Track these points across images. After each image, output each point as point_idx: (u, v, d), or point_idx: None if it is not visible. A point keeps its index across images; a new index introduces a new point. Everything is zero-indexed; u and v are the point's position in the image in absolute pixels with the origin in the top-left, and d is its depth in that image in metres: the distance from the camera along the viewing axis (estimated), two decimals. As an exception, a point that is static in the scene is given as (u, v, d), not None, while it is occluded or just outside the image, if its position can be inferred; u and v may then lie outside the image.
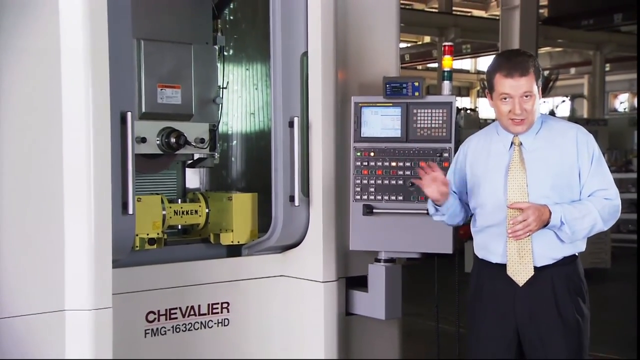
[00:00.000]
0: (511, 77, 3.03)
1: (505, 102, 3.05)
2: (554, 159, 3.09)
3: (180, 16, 4.35)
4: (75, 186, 3.19)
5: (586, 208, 3.01)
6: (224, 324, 4.13)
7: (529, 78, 3.03)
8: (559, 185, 3.07)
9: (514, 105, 3.02)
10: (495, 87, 3.08)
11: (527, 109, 3.03)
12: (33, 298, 3.14)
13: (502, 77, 3.05)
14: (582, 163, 3.08)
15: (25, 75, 3.14)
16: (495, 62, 3.17)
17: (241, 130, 4.95)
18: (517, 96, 3.02)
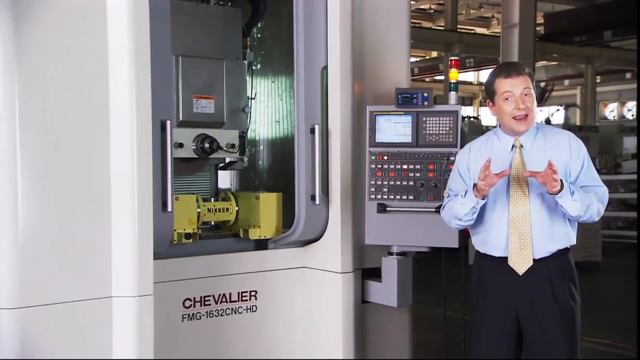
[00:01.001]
0: (510, 77, 3.06)
1: (508, 102, 3.05)
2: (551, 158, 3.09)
3: (213, 35, 4.38)
4: (121, 186, 3.22)
5: (586, 192, 3.03)
6: (252, 310, 4.14)
7: (525, 77, 3.06)
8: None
9: (517, 101, 3.03)
10: (497, 89, 3.08)
11: (528, 106, 3.04)
12: (82, 286, 3.16)
13: (502, 78, 3.07)
14: (574, 162, 3.09)
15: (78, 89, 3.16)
16: (493, 71, 3.20)
17: (267, 136, 4.96)
18: (518, 93, 3.04)
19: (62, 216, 3.12)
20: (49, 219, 3.10)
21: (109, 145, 3.21)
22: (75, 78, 3.15)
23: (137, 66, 3.21)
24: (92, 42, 3.18)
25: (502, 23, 14.11)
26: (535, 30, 14.56)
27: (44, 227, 3.09)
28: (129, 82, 3.20)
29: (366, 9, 4.22)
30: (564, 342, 3.03)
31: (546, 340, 3.03)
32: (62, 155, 3.13)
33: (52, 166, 3.11)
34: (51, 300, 3.09)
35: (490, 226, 3.19)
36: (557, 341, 3.02)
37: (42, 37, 3.08)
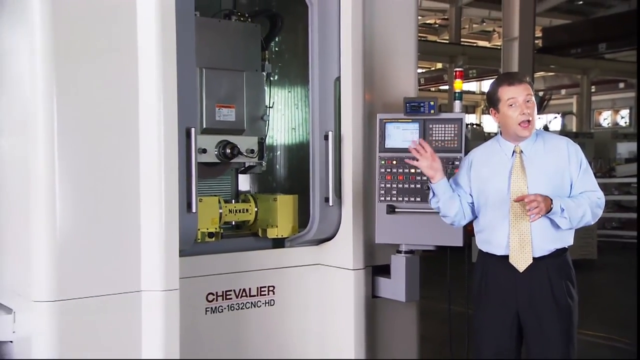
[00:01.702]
0: (513, 85, 3.06)
1: (513, 108, 3.05)
2: (549, 165, 3.08)
3: (234, 48, 4.39)
4: (149, 188, 3.24)
5: (579, 200, 3.01)
6: (270, 304, 4.14)
7: (527, 85, 3.07)
8: (553, 186, 3.05)
9: (521, 107, 3.02)
10: (501, 97, 3.08)
11: (530, 112, 3.03)
12: (114, 281, 3.19)
13: (506, 86, 3.07)
14: (572, 168, 3.08)
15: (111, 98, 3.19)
16: (496, 81, 3.20)
17: (284, 142, 4.96)
18: (521, 99, 3.04)
19: (95, 216, 3.15)
20: (83, 219, 3.12)
21: (138, 150, 3.23)
22: (108, 88, 3.17)
23: (164, 77, 3.23)
24: (124, 56, 3.20)
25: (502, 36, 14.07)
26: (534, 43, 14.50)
27: (79, 226, 3.11)
28: (157, 92, 3.22)
29: (376, 24, 4.22)
30: (560, 336, 3.01)
31: (544, 333, 3.01)
32: (96, 160, 3.16)
33: (86, 170, 3.13)
34: (86, 293, 3.11)
35: (492, 226, 3.19)
36: (555, 335, 3.00)
37: (78, 54, 3.10)
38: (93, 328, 3.13)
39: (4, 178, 3.47)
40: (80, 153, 3.11)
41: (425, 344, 4.56)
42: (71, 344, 3.09)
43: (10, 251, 3.39)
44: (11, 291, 3.37)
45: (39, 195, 3.06)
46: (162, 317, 3.22)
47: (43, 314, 3.06)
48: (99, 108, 3.15)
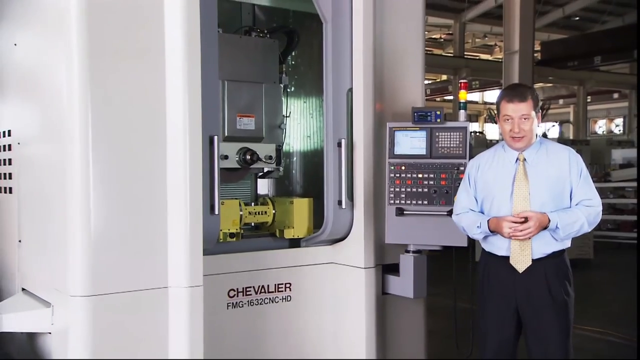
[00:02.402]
0: (512, 102, 3.04)
1: (507, 122, 3.05)
2: (551, 173, 3.06)
3: (254, 62, 4.41)
4: (175, 192, 3.25)
5: (576, 215, 2.99)
6: (287, 299, 4.14)
7: (527, 104, 3.03)
8: (554, 194, 3.04)
9: (514, 125, 3.02)
10: (501, 110, 3.10)
11: (524, 129, 3.03)
12: (143, 277, 3.20)
13: (506, 102, 3.07)
14: (572, 177, 3.06)
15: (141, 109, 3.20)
16: (502, 92, 3.20)
17: (300, 149, 4.97)
18: (516, 117, 3.02)
19: (126, 217, 3.16)
20: (115, 220, 3.14)
21: (165, 156, 3.24)
22: (138, 99, 3.20)
23: (189, 89, 3.24)
24: (152, 69, 3.22)
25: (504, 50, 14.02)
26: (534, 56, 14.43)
27: (111, 227, 3.13)
28: (183, 103, 3.24)
29: (386, 39, 4.22)
30: (557, 330, 3.00)
31: (542, 327, 3.01)
32: (127, 165, 3.17)
33: (118, 174, 3.15)
34: (117, 289, 3.13)
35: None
36: (552, 329, 2.99)
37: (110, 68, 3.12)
38: (124, 321, 3.15)
39: (42, 181, 3.51)
40: (113, 159, 3.13)
41: (432, 337, 4.53)
42: (104, 335, 3.10)
43: (48, 250, 3.42)
44: (50, 287, 3.39)
45: (74, 198, 3.08)
46: (187, 312, 3.23)
47: (78, 307, 3.07)
48: (130, 118, 3.17)
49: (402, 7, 4.30)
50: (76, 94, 3.06)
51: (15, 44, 3.80)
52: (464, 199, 3.29)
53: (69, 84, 3.09)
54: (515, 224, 2.94)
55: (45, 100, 3.43)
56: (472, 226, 3.16)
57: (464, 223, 3.24)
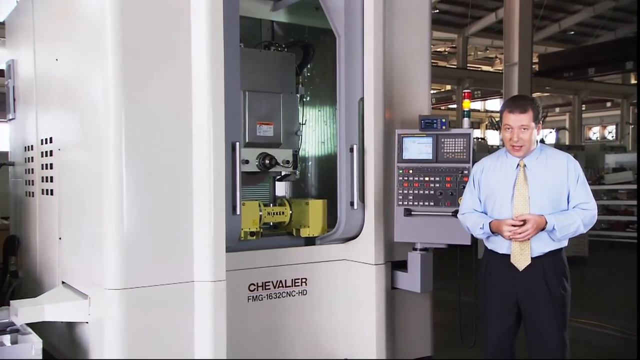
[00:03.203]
0: (512, 113, 3.02)
1: (508, 131, 3.03)
2: (550, 178, 3.03)
3: (272, 74, 4.42)
4: (200, 194, 3.26)
5: (572, 217, 2.97)
6: (303, 293, 4.14)
7: (527, 115, 3.00)
8: (553, 198, 3.01)
9: (513, 134, 3.00)
10: (502, 119, 3.08)
11: (523, 138, 3.00)
12: (171, 272, 3.21)
13: (507, 112, 3.05)
14: (570, 182, 3.03)
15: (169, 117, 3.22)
16: (505, 102, 3.18)
17: (315, 154, 4.97)
18: (516, 127, 3.00)
19: (156, 217, 3.18)
20: (146, 219, 3.16)
21: (191, 161, 3.26)
22: (166, 110, 3.22)
23: (213, 99, 3.26)
24: (179, 82, 3.24)
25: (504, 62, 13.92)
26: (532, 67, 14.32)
27: (142, 226, 3.15)
28: (207, 112, 3.25)
29: (395, 52, 4.21)
30: (555, 323, 2.97)
31: (540, 320, 2.98)
32: (156, 169, 3.19)
33: (148, 178, 3.17)
34: (148, 283, 3.15)
35: (497, 228, 3.14)
36: (550, 322, 2.97)
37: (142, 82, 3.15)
38: (153, 312, 3.16)
39: (80, 184, 3.53)
40: (144, 164, 3.15)
41: (437, 329, 4.51)
42: (135, 324, 3.12)
43: (85, 246, 3.45)
44: (87, 280, 3.42)
45: (109, 200, 3.10)
46: (211, 304, 3.24)
47: (113, 299, 3.10)
48: (159, 127, 3.19)
49: (410, 22, 4.29)
50: (111, 105, 3.09)
51: (57, 59, 3.84)
52: (469, 199, 3.27)
53: (105, 95, 3.12)
54: (515, 227, 2.93)
55: (83, 110, 3.46)
56: (476, 227, 3.15)
57: (469, 223, 3.23)
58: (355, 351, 4.25)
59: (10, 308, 3.35)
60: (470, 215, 3.22)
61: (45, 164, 4.12)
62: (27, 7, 4.54)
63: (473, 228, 3.19)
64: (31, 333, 3.00)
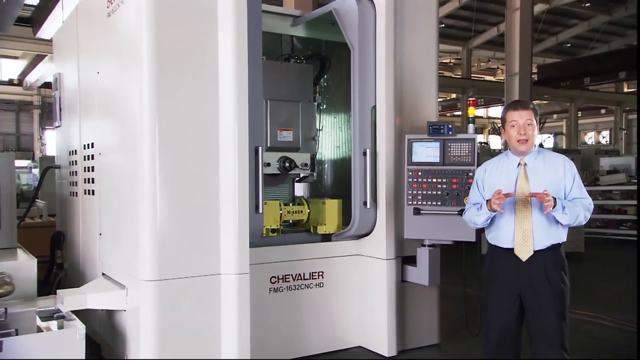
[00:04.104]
0: (516, 110, 2.98)
1: (514, 128, 2.97)
2: (548, 176, 2.98)
3: (292, 84, 4.42)
4: (226, 194, 3.26)
5: (574, 203, 2.91)
6: (320, 286, 4.13)
7: (529, 112, 2.97)
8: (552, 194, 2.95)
9: (519, 128, 2.95)
10: (507, 119, 3.02)
11: (528, 133, 2.95)
12: (200, 265, 3.21)
13: (511, 110, 3.00)
14: (567, 180, 2.97)
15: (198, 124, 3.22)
16: (506, 106, 3.13)
17: (331, 157, 4.95)
18: (521, 122, 2.95)
19: (186, 215, 3.18)
20: (177, 217, 3.16)
21: (218, 164, 3.26)
22: (196, 117, 3.22)
23: (238, 107, 3.26)
24: (208, 92, 3.25)
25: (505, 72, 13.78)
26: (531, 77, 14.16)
27: (174, 223, 3.15)
28: (233, 119, 3.25)
29: (405, 63, 4.18)
30: (555, 314, 2.91)
31: (542, 312, 2.91)
32: (187, 171, 3.19)
33: (180, 179, 3.17)
34: (179, 275, 3.15)
35: (501, 225, 3.09)
36: (550, 313, 2.90)
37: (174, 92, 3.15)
38: (184, 301, 3.17)
39: (118, 185, 3.56)
40: (175, 167, 3.16)
41: (444, 319, 4.46)
42: (168, 313, 3.13)
43: (123, 242, 3.46)
44: (124, 272, 3.44)
45: (144, 199, 3.11)
46: (236, 295, 3.23)
47: (147, 289, 3.11)
48: (189, 132, 3.19)
49: (419, 36, 4.25)
50: (146, 113, 3.10)
51: (98, 72, 3.87)
52: (473, 197, 3.23)
53: (140, 105, 3.13)
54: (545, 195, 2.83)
55: (121, 117, 3.48)
56: (474, 213, 3.07)
57: (469, 214, 3.16)
58: (368, 339, 4.22)
59: (57, 297, 3.38)
60: (469, 210, 3.17)
61: (88, 166, 4.16)
62: (71, 26, 4.59)
63: (474, 216, 3.10)
64: (75, 319, 3.02)
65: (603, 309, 5.56)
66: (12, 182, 4.26)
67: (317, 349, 4.10)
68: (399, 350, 4.13)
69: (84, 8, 4.32)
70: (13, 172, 4.32)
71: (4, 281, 3.20)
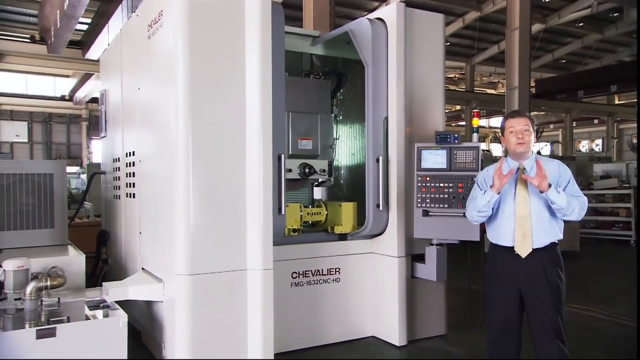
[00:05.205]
0: (515, 117, 2.94)
1: (512, 134, 2.92)
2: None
3: (311, 98, 4.40)
4: (252, 197, 3.25)
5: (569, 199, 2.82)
6: (337, 281, 4.09)
7: (526, 119, 2.92)
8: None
9: (517, 133, 2.90)
10: (506, 126, 2.97)
11: (525, 138, 2.90)
12: (229, 261, 3.21)
13: (510, 118, 2.96)
14: (561, 182, 2.91)
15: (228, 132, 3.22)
16: (505, 116, 3.08)
17: (346, 164, 4.93)
18: (519, 128, 2.90)
19: (216, 215, 3.18)
20: (208, 218, 3.16)
21: (245, 169, 3.26)
22: (225, 128, 3.22)
23: (263, 118, 3.25)
24: (236, 105, 3.25)
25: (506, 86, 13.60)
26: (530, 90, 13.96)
27: (205, 223, 3.16)
28: (258, 129, 3.24)
29: (415, 78, 4.14)
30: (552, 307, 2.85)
31: (540, 305, 2.86)
32: (217, 176, 3.19)
33: (210, 183, 3.17)
34: (210, 270, 3.15)
35: (501, 224, 3.03)
36: (548, 306, 2.84)
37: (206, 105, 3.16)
38: (214, 293, 3.17)
39: (155, 189, 3.58)
40: (207, 173, 3.16)
41: (450, 312, 4.39)
42: (200, 303, 3.13)
43: (160, 240, 3.48)
44: (162, 267, 3.45)
45: (179, 202, 3.12)
46: (261, 288, 3.22)
47: (182, 283, 3.12)
48: (219, 141, 3.19)
49: (427, 54, 4.21)
50: (181, 124, 3.12)
51: (139, 88, 3.91)
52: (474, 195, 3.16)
53: (176, 117, 3.14)
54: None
55: (159, 128, 3.50)
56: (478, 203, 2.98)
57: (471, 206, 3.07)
58: (380, 329, 4.18)
59: (102, 288, 3.41)
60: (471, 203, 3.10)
61: (129, 172, 4.20)
62: (116, 47, 4.65)
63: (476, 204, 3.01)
64: (118, 309, 3.04)
65: (597, 302, 5.46)
66: (63, 186, 4.32)
67: (334, 338, 4.07)
68: (409, 340, 4.07)
69: (127, 32, 4.37)
70: (65, 178, 4.38)
71: (57, 274, 3.23)
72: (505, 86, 13.62)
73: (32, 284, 2.97)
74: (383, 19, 4.08)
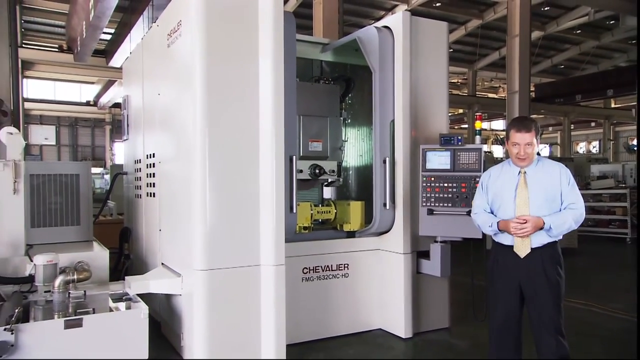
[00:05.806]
0: (519, 132, 2.86)
1: (515, 147, 2.88)
2: (545, 182, 2.87)
3: (321, 102, 4.39)
4: (265, 196, 3.24)
5: (565, 217, 2.79)
6: (345, 276, 4.07)
7: (531, 134, 2.85)
8: (548, 198, 2.85)
9: (520, 149, 2.85)
10: (510, 137, 2.92)
11: (527, 152, 2.85)
12: (243, 257, 3.21)
13: (514, 131, 2.89)
14: (562, 185, 2.86)
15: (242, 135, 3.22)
16: (512, 121, 3.01)
17: (355, 165, 4.90)
18: (522, 144, 2.84)
19: (231, 214, 3.18)
20: (224, 216, 3.16)
21: (258, 170, 3.25)
22: (239, 130, 3.22)
23: (275, 121, 3.24)
24: (250, 109, 3.24)
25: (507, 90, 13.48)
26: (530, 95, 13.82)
27: (221, 221, 3.16)
28: (271, 132, 3.24)
29: (420, 83, 4.10)
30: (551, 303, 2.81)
31: (539, 301, 2.82)
32: (232, 176, 3.19)
33: (226, 183, 3.17)
34: (226, 265, 3.15)
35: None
36: (547, 302, 2.81)
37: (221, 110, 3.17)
38: (230, 288, 3.17)
39: (174, 189, 3.59)
40: (222, 173, 3.16)
41: (454, 306, 4.35)
42: (217, 298, 3.13)
43: (179, 237, 3.49)
44: (180, 262, 3.46)
45: (196, 200, 3.12)
46: (273, 283, 3.22)
47: (199, 277, 3.12)
48: (234, 143, 3.19)
49: (431, 60, 4.17)
50: (198, 128, 3.12)
51: (159, 93, 3.92)
52: (479, 200, 3.13)
53: (194, 121, 3.15)
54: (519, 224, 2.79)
55: (177, 131, 3.51)
56: (485, 225, 3.00)
57: (479, 221, 3.08)
58: (387, 322, 4.15)
59: (125, 282, 3.43)
60: (480, 215, 3.08)
61: (149, 173, 4.22)
62: (137, 55, 4.68)
63: (483, 226, 3.04)
64: (140, 301, 3.06)
65: (594, 297, 5.39)
66: (88, 186, 4.36)
67: (343, 330, 4.05)
68: (414, 332, 4.04)
69: (148, 41, 4.39)
70: (90, 178, 4.41)
71: (83, 268, 3.26)
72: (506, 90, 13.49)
73: (60, 277, 2.99)
74: (390, 27, 4.06)
